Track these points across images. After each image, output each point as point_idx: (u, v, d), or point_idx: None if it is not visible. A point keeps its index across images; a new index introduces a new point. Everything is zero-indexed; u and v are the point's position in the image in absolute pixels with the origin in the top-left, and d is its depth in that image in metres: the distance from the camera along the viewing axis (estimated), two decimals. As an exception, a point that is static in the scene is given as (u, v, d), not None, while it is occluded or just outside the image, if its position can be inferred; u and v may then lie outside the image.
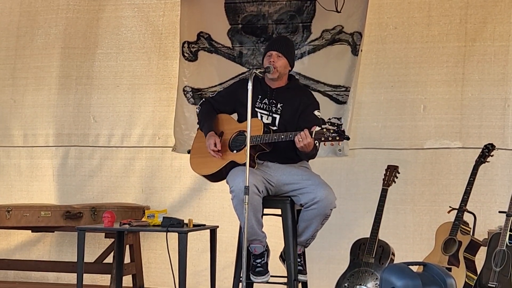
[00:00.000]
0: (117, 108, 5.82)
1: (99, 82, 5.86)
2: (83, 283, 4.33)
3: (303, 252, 4.42)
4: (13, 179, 5.99)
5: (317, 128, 3.97)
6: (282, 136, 4.10)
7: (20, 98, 5.99)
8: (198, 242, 5.38)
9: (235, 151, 4.27)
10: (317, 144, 4.11)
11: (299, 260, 4.34)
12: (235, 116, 4.44)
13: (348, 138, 3.98)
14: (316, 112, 4.28)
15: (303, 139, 3.97)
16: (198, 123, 4.50)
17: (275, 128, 4.28)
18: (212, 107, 4.45)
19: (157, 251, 5.61)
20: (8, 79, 6.04)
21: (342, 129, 3.92)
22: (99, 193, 5.80)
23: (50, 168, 5.91)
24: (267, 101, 4.34)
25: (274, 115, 4.31)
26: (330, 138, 3.92)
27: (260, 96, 4.33)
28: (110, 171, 5.82)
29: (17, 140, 6.00)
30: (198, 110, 4.50)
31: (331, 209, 4.18)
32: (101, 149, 5.84)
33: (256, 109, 4.30)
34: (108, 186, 5.81)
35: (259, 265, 4.23)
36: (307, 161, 4.40)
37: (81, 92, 5.89)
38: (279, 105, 4.32)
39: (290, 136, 4.07)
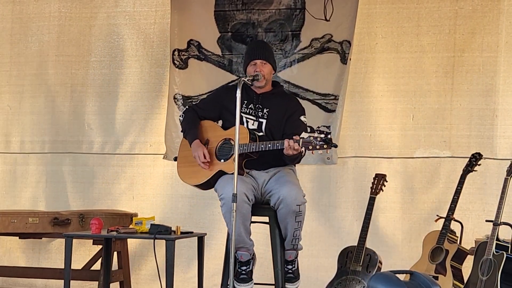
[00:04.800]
0: (110, 115, 5.83)
1: (93, 90, 5.87)
2: (71, 290, 4.33)
3: (296, 257, 4.36)
4: (7, 185, 5.99)
5: (305, 135, 3.99)
6: (269, 145, 4.11)
7: (17, 105, 6.00)
8: (188, 249, 5.39)
9: (222, 160, 4.27)
10: (302, 151, 4.12)
11: (291, 267, 4.32)
12: (219, 123, 4.44)
13: (335, 146, 4.01)
14: (302, 118, 4.31)
15: (291, 147, 3.99)
16: (182, 131, 4.49)
17: (261, 133, 4.30)
18: (196, 114, 4.45)
19: (147, 258, 5.61)
20: (4, 86, 6.04)
21: (330, 137, 3.93)
22: (91, 199, 5.80)
23: (43, 175, 5.92)
24: (253, 106, 4.35)
25: (261, 120, 4.33)
26: (317, 147, 3.94)
27: (246, 102, 4.34)
28: (103, 178, 5.83)
29: (13, 147, 6.00)
30: (181, 118, 4.49)
31: (298, 205, 4.13)
32: (95, 156, 5.84)
33: (242, 114, 4.29)
34: (101, 192, 5.81)
35: (243, 272, 4.22)
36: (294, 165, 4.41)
37: (76, 100, 5.89)
38: (265, 110, 4.34)
39: (277, 144, 4.08)
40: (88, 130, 5.86)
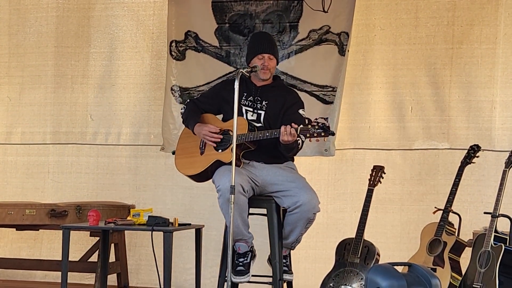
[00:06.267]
0: (113, 107, 5.83)
1: (94, 81, 5.87)
2: (70, 281, 4.33)
3: (289, 253, 4.42)
4: (9, 176, 6.00)
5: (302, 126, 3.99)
6: (267, 134, 4.12)
7: (17, 96, 6.00)
8: (187, 239, 5.37)
9: (220, 150, 4.27)
10: (300, 142, 4.13)
11: (284, 261, 4.35)
12: (219, 117, 4.44)
13: (333, 134, 4.02)
14: (301, 111, 4.31)
15: (287, 132, 3.97)
16: (183, 122, 4.50)
17: (259, 124, 4.30)
18: (197, 107, 4.46)
19: (148, 249, 5.59)
20: (3, 77, 6.04)
21: (328, 124, 3.93)
22: (93, 190, 5.81)
23: (46, 166, 5.93)
24: (252, 98, 4.36)
25: (259, 111, 4.33)
26: (315, 134, 3.94)
27: (245, 94, 4.35)
28: (106, 169, 5.84)
29: (14, 138, 6.01)
30: (182, 110, 4.51)
31: (314, 213, 4.18)
32: (98, 147, 5.85)
33: (242, 105, 4.31)
34: (104, 183, 5.82)
35: (240, 264, 4.22)
36: (292, 161, 4.41)
37: (77, 91, 5.89)
38: (264, 102, 4.34)
39: (275, 133, 4.08)
40: (90, 121, 5.86)
